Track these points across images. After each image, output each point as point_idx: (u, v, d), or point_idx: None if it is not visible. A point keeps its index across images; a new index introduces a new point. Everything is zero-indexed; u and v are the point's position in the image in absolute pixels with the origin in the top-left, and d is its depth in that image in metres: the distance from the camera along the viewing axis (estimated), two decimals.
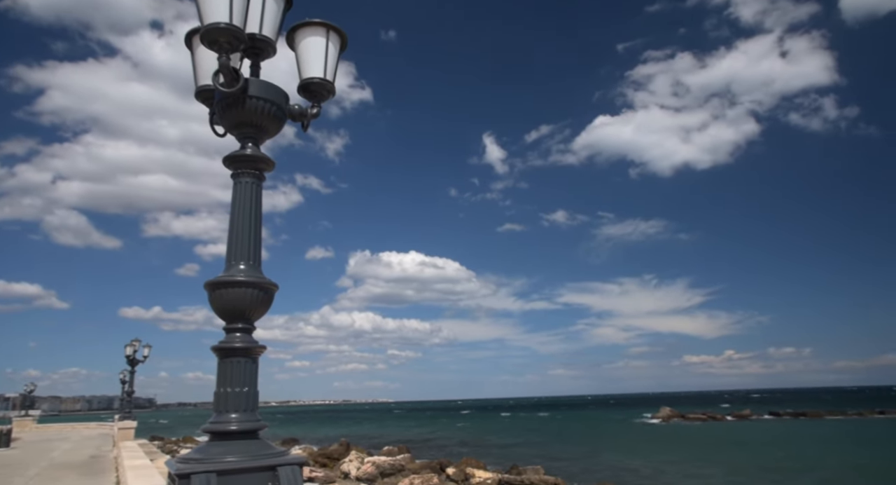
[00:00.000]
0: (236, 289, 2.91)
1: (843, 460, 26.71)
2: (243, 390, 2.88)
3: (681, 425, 58.52)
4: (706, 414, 68.89)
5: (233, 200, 3.11)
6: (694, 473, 24.41)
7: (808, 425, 52.95)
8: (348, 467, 21.88)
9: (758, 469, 24.88)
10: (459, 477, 19.61)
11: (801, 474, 23.39)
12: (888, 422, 52.69)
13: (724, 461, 27.52)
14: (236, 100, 2.94)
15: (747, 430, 48.80)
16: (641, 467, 26.79)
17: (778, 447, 33.95)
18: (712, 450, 33.16)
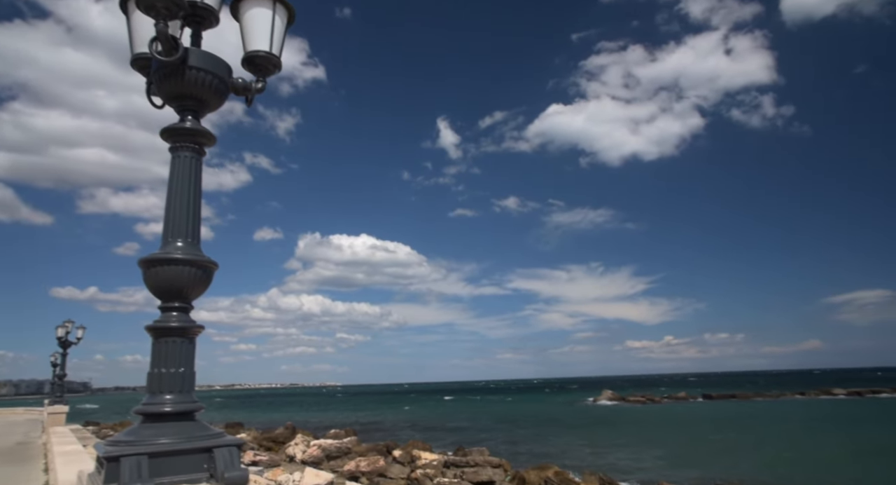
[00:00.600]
0: (173, 267, 2.81)
1: (763, 436, 28.56)
2: (179, 370, 2.80)
3: (621, 407, 60.89)
4: (645, 397, 71.91)
5: (171, 174, 3.00)
6: (632, 452, 25.51)
7: (737, 405, 56.18)
8: (294, 450, 21.69)
9: (689, 447, 26.24)
10: (406, 459, 19.78)
11: (726, 450, 24.82)
12: (806, 402, 56.57)
13: (660, 441, 28.88)
14: (175, 70, 2.82)
15: (682, 411, 51.34)
16: (583, 448, 27.78)
17: (707, 426, 35.90)
18: (649, 430, 34.74)
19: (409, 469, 18.35)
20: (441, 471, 17.41)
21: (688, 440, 29.00)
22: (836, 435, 29.15)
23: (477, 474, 16.02)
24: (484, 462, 17.31)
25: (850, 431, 31.10)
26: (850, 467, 20.41)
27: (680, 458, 23.51)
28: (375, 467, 17.64)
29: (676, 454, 24.44)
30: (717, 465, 21.43)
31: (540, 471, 17.20)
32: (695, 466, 21.46)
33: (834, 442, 26.61)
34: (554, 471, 16.93)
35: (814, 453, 23.57)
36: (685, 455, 24.13)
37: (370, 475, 17.25)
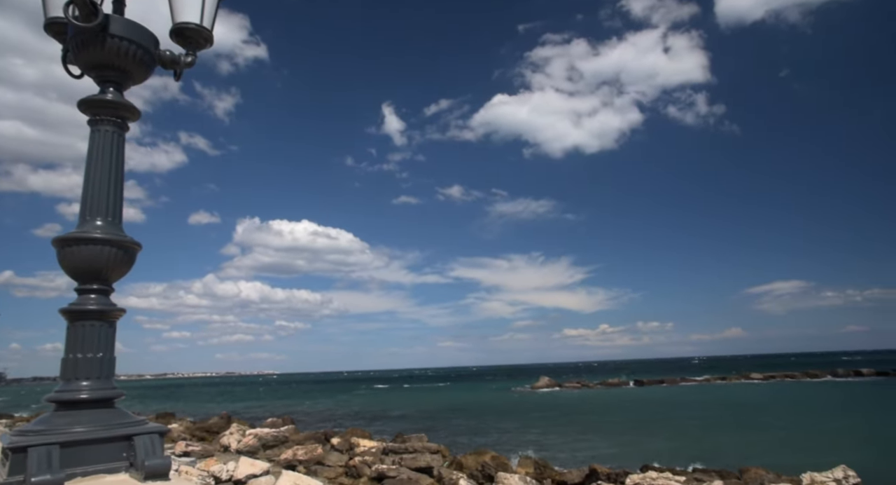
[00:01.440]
0: (91, 246, 2.66)
1: (687, 416, 30.25)
2: (97, 355, 2.66)
3: (557, 393, 62.82)
4: (580, 383, 74.50)
5: (89, 149, 2.82)
6: (566, 437, 26.41)
7: (665, 390, 59.14)
8: (228, 440, 21.16)
9: (619, 430, 27.43)
10: (344, 447, 19.70)
11: (654, 432, 26.11)
12: (727, 386, 60.26)
13: (593, 425, 30.03)
14: (94, 37, 2.64)
15: (614, 396, 53.55)
16: (519, 433, 28.50)
17: (637, 410, 37.66)
18: (583, 415, 36.05)
19: (347, 457, 18.28)
20: (380, 458, 17.44)
21: (618, 424, 30.28)
22: (747, 416, 31.23)
23: (415, 460, 16.14)
24: (422, 448, 17.48)
25: (757, 412, 33.38)
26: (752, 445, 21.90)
27: (611, 441, 24.53)
28: (313, 456, 17.48)
29: (608, 438, 25.48)
30: (645, 447, 22.52)
31: (477, 456, 17.54)
32: (624, 449, 22.47)
33: (744, 423, 28.49)
34: (491, 456, 17.30)
35: (730, 434, 25.16)
36: (616, 439, 25.19)
37: (307, 464, 17.08)
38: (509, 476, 12.75)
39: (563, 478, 14.54)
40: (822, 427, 26.25)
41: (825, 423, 27.70)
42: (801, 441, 22.59)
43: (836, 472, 11.99)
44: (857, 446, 20.92)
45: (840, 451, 19.33)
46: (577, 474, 14.54)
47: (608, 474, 13.71)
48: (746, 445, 22.03)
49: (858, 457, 17.56)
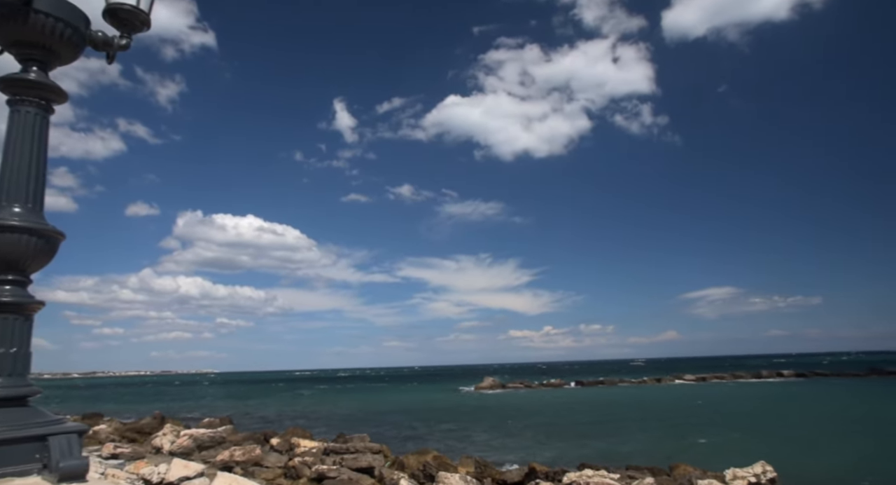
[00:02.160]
0: (7, 234, 2.50)
1: (622, 416, 31.31)
2: (10, 350, 2.51)
3: (501, 393, 63.68)
4: (523, 383, 75.79)
5: (8, 130, 2.65)
6: (508, 436, 26.81)
7: (604, 390, 61.00)
8: (161, 441, 20.32)
9: (559, 429, 28.09)
10: (284, 447, 19.29)
11: (591, 431, 26.88)
12: (662, 387, 62.78)
13: (534, 424, 30.63)
14: (16, 11, 2.48)
15: (555, 396, 54.79)
16: (462, 433, 28.71)
17: (577, 410, 38.68)
18: (525, 415, 36.68)
19: (286, 457, 17.91)
20: (320, 458, 17.18)
21: (558, 424, 31.00)
22: (678, 416, 32.63)
23: (357, 461, 16.00)
24: (364, 448, 17.34)
25: (687, 412, 34.96)
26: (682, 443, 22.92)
27: (550, 441, 25.08)
28: (251, 457, 17.04)
29: (548, 438, 26.03)
30: (583, 446, 23.15)
31: (419, 456, 17.55)
32: (563, 448, 23.01)
33: (675, 422, 29.76)
34: (433, 456, 17.34)
35: (662, 433, 26.21)
36: (555, 438, 25.78)
37: (245, 465, 16.63)
38: (450, 476, 12.82)
39: (504, 477, 14.75)
40: (745, 425, 27.71)
41: (748, 421, 29.26)
42: (726, 439, 23.78)
43: (755, 467, 12.70)
44: (775, 442, 22.21)
45: (760, 447, 20.47)
46: (517, 473, 14.79)
47: (546, 473, 14.01)
48: (676, 443, 23.00)
49: (776, 452, 18.64)
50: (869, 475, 15.79)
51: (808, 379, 70.58)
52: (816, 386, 57.50)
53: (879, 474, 15.86)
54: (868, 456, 18.87)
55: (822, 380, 68.16)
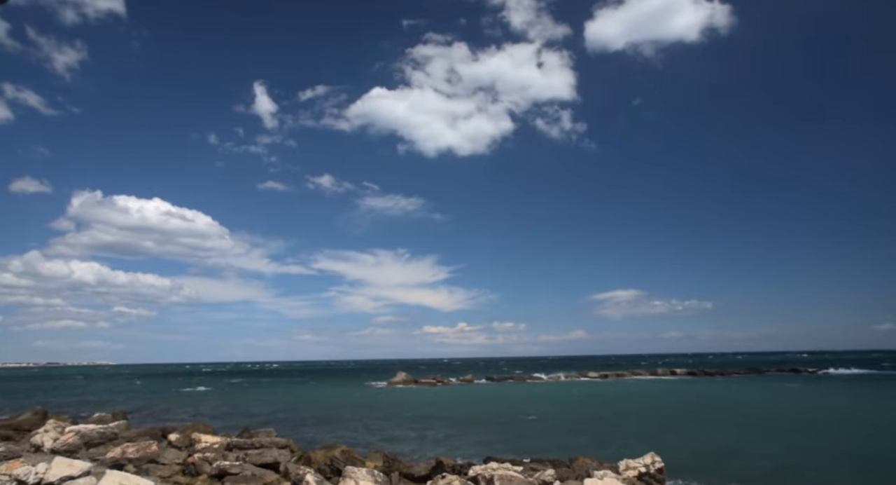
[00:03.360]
0: None
1: (529, 411, 32.56)
2: None
3: (413, 389, 64.05)
4: (436, 379, 76.58)
5: None
6: (418, 431, 27.05)
7: (513, 386, 62.95)
8: (42, 438, 18.72)
9: (468, 424, 28.74)
10: (183, 443, 18.40)
11: (498, 426, 27.74)
12: (568, 383, 65.72)
13: (444, 419, 31.11)
14: None
15: (467, 392, 55.90)
16: (373, 428, 28.65)
17: (486, 405, 39.74)
18: (436, 410, 37.16)
19: (185, 454, 17.10)
20: (223, 454, 16.55)
21: (468, 419, 31.68)
22: (580, 411, 34.40)
23: (261, 456, 15.57)
24: (270, 444, 16.89)
25: (590, 406, 36.94)
26: (582, 436, 24.22)
27: (459, 435, 25.59)
28: (146, 454, 16.11)
29: (457, 431, 26.55)
30: (490, 440, 23.82)
31: (327, 451, 17.36)
32: (471, 442, 23.56)
33: (577, 417, 31.35)
34: (341, 450, 17.21)
35: (564, 427, 27.50)
36: (464, 433, 26.34)
37: (139, 462, 15.70)
38: (357, 470, 12.79)
39: (411, 471, 14.91)
40: (639, 419, 29.67)
41: (641, 416, 31.32)
42: (622, 432, 25.34)
43: (646, 458, 13.66)
44: (663, 434, 23.96)
45: (651, 439, 22.02)
46: (425, 466, 14.99)
47: (453, 467, 14.32)
48: (577, 437, 24.21)
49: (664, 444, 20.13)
50: (738, 460, 17.42)
51: (697, 377, 76.52)
52: (704, 383, 62.47)
53: (748, 459, 17.54)
54: (740, 444, 20.80)
55: (709, 378, 74.16)
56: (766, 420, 28.54)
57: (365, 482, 12.42)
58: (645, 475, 13.24)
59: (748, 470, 16.64)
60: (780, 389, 51.57)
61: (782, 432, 24.15)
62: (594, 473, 12.41)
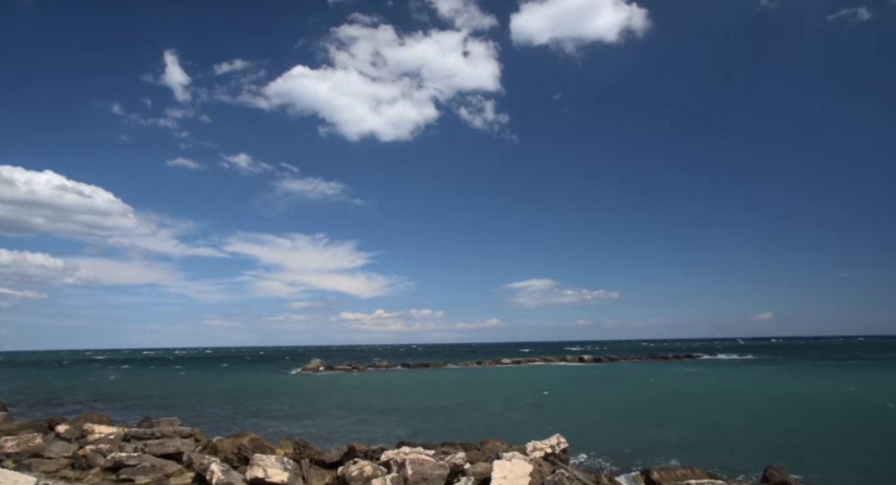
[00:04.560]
0: None
1: (442, 396, 33.16)
2: None
3: (328, 375, 63.24)
4: (351, 365, 76.04)
5: None
6: (330, 417, 26.78)
7: (429, 373, 63.70)
8: None
9: (380, 408, 28.81)
10: (74, 435, 17.11)
11: (412, 411, 28.03)
12: (482, 369, 67.47)
13: (357, 406, 31.00)
14: None
15: (383, 378, 55.94)
16: (284, 415, 28.05)
17: (401, 391, 40.04)
18: (350, 396, 36.94)
19: (76, 446, 15.94)
20: (119, 445, 15.60)
21: (382, 405, 31.75)
22: (492, 395, 35.48)
23: (163, 446, 14.81)
24: (172, 433, 16.10)
25: (501, 391, 38.20)
26: (494, 419, 25.05)
27: (372, 420, 25.60)
28: (28, 447, 14.85)
29: (370, 417, 26.54)
30: (404, 425, 24.03)
31: (235, 439, 16.80)
32: (385, 427, 23.65)
33: (488, 401, 32.31)
34: (250, 438, 16.72)
35: (477, 411, 28.25)
36: (377, 417, 26.38)
37: (19, 457, 14.45)
38: (266, 458, 12.48)
39: (322, 457, 14.75)
40: (548, 403, 31.02)
41: (550, 400, 32.75)
42: (532, 415, 26.41)
43: (552, 440, 14.32)
44: (571, 416, 25.24)
45: (557, 421, 23.14)
46: (336, 452, 14.88)
47: (365, 452, 14.32)
48: (489, 420, 24.96)
49: (569, 426, 21.21)
50: (632, 442, 18.69)
51: (602, 363, 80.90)
52: (608, 369, 66.21)
53: (643, 441, 18.85)
54: (643, 423, 22.32)
55: (613, 363, 78.67)
56: (672, 400, 30.76)
57: (274, 470, 12.15)
58: (551, 455, 13.88)
59: (650, 445, 17.88)
60: (681, 373, 55.64)
61: (688, 410, 26.16)
62: (503, 454, 12.85)
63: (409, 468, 11.90)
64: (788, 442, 18.52)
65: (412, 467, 11.93)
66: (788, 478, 11.40)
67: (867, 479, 13.62)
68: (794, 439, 18.99)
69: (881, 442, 18.36)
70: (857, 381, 41.35)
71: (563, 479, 11.47)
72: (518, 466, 11.98)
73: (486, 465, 12.59)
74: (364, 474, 12.05)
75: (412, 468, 11.90)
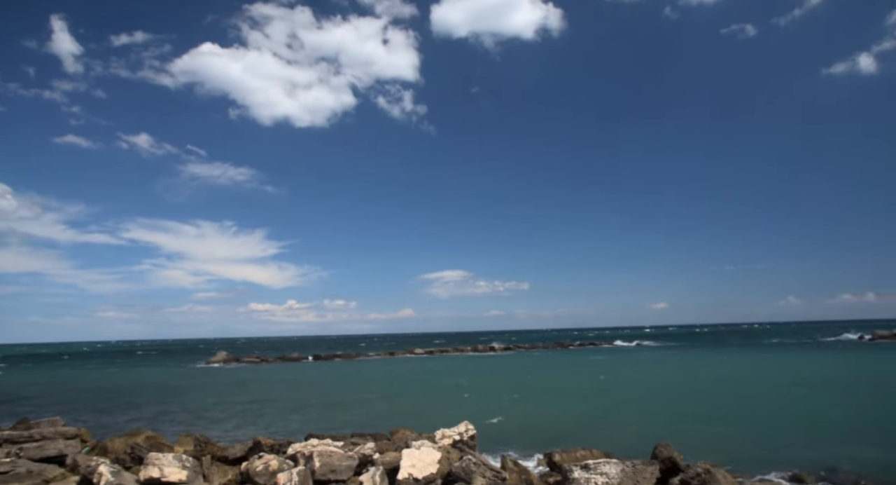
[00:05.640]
0: None
1: (353, 387, 32.94)
2: None
3: (235, 368, 60.79)
4: (260, 357, 73.61)
5: None
6: (234, 411, 25.77)
7: (340, 364, 62.93)
8: None
9: (288, 401, 28.14)
10: None
11: (321, 400, 27.61)
12: (394, 359, 67.66)
13: (264, 399, 30.08)
14: None
15: (292, 370, 54.53)
16: (185, 411, 26.69)
17: (311, 383, 39.29)
18: (255, 390, 35.73)
19: None
20: None
21: (290, 396, 31.01)
22: (401, 385, 35.74)
23: (42, 449, 13.59)
24: (55, 434, 14.80)
25: (410, 380, 38.58)
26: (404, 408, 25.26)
27: (281, 413, 24.95)
28: None
29: (279, 410, 25.84)
30: (312, 416, 23.62)
31: (128, 438, 15.76)
32: (292, 420, 23.12)
33: (399, 390, 32.51)
34: (145, 436, 15.75)
35: (387, 401, 28.31)
36: (286, 410, 25.73)
37: None
38: (162, 456, 11.79)
39: (225, 453, 14.16)
40: (457, 391, 31.66)
41: (461, 388, 33.45)
42: (442, 404, 26.84)
43: (460, 427, 14.62)
44: (479, 404, 25.92)
45: (467, 409, 23.69)
46: (241, 447, 14.34)
47: (272, 446, 13.91)
48: (401, 410, 25.08)
49: (478, 412, 21.78)
50: (537, 427, 19.55)
51: (513, 352, 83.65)
52: (517, 357, 68.57)
53: (547, 426, 19.75)
54: (548, 409, 23.35)
55: (523, 352, 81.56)
56: (574, 386, 32.33)
57: (171, 468, 11.51)
58: (459, 442, 14.17)
59: (554, 429, 18.72)
60: (584, 360, 58.60)
61: (588, 395, 27.59)
62: (412, 443, 12.95)
63: (316, 461, 11.71)
64: (676, 421, 20.10)
65: (319, 459, 11.75)
66: (674, 454, 12.35)
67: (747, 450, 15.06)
68: (681, 418, 20.65)
69: (759, 417, 20.36)
70: (738, 363, 45.64)
71: (470, 465, 11.75)
72: (426, 454, 12.13)
73: (395, 454, 12.64)
74: (269, 469, 11.71)
75: (319, 461, 11.72)
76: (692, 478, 10.92)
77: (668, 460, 12.25)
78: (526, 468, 13.31)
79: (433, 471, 11.68)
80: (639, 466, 11.08)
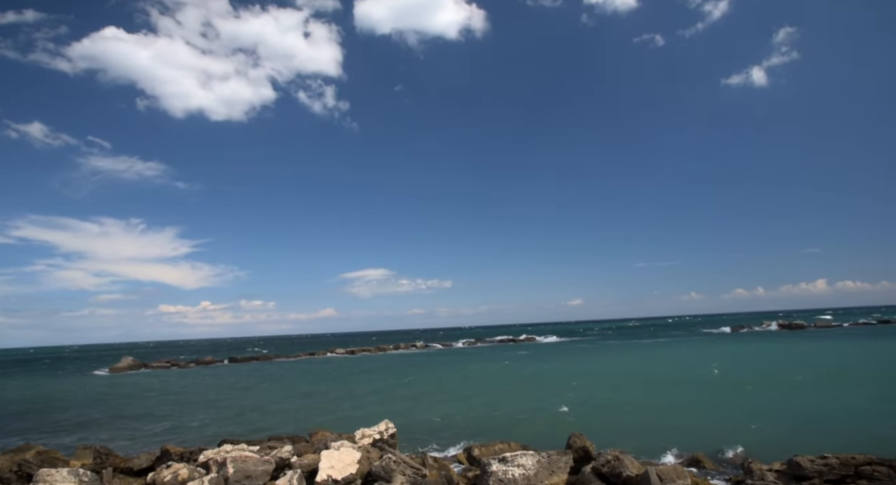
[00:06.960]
0: None
1: (269, 390, 31.98)
2: None
3: (141, 374, 57.24)
4: (170, 362, 69.72)
5: None
6: (141, 420, 24.31)
7: (257, 366, 60.73)
8: None
9: (199, 406, 26.88)
10: None
11: (237, 404, 26.59)
12: (316, 359, 66.24)
13: (174, 405, 28.56)
14: None
15: (205, 374, 52.02)
16: (85, 423, 24.85)
17: (225, 386, 37.66)
18: (164, 396, 33.85)
19: None
20: None
21: (202, 402, 29.63)
22: (321, 386, 35.14)
23: None
24: None
25: (330, 381, 38.02)
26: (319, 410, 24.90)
27: (192, 420, 23.78)
28: None
29: (189, 417, 24.61)
30: (226, 422, 22.68)
31: (15, 454, 14.47)
32: (205, 426, 22.11)
33: (317, 392, 31.94)
34: (35, 452, 14.54)
35: (302, 402, 27.72)
36: (198, 416, 24.56)
37: None
38: (55, 472, 10.92)
39: (130, 464, 13.34)
40: (374, 389, 31.53)
41: (380, 386, 33.33)
42: (362, 403, 26.63)
43: (380, 426, 14.59)
44: (402, 402, 25.95)
45: (386, 407, 23.66)
46: (147, 457, 13.57)
47: (181, 454, 13.26)
48: (318, 412, 24.63)
49: (400, 410, 21.82)
50: (457, 422, 19.89)
51: (438, 350, 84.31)
52: (438, 355, 69.19)
53: (467, 421, 20.13)
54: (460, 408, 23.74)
55: (445, 349, 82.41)
56: (493, 382, 33.02)
57: (66, 484, 10.69)
58: (379, 441, 14.13)
59: (473, 424, 19.06)
60: (505, 355, 59.96)
61: (511, 390, 28.26)
62: (332, 444, 12.77)
63: (230, 467, 11.28)
64: (590, 411, 21.09)
65: (233, 465, 11.33)
66: (587, 443, 12.99)
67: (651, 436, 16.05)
68: (594, 408, 21.70)
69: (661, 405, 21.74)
70: (646, 356, 48.47)
71: (390, 463, 11.77)
72: (346, 454, 12.01)
73: (314, 456, 12.41)
74: (179, 478, 11.15)
75: (233, 467, 11.30)
76: (603, 465, 11.53)
77: (582, 449, 12.87)
78: (446, 464, 13.50)
79: (353, 471, 11.59)
80: (553, 456, 11.55)
